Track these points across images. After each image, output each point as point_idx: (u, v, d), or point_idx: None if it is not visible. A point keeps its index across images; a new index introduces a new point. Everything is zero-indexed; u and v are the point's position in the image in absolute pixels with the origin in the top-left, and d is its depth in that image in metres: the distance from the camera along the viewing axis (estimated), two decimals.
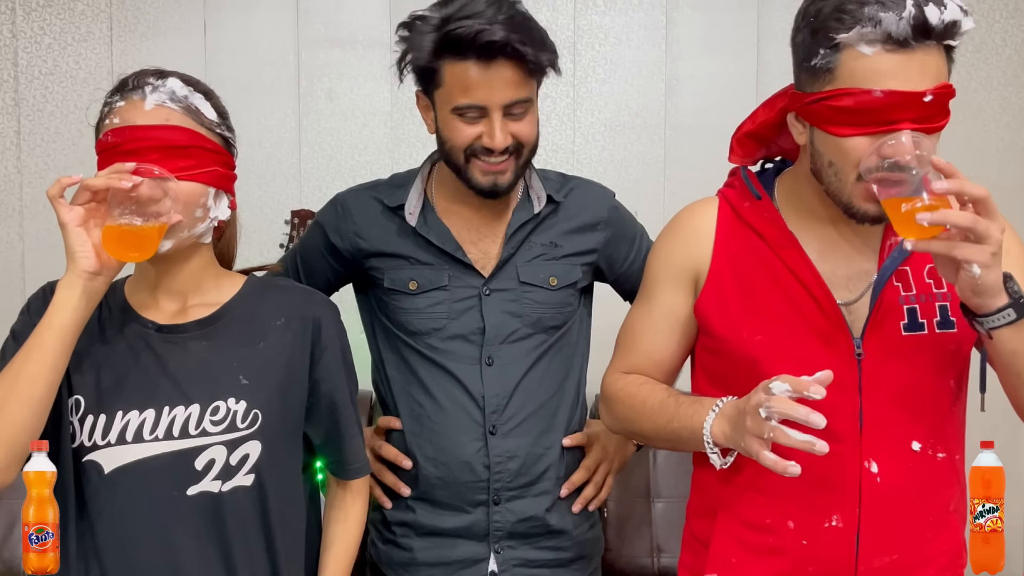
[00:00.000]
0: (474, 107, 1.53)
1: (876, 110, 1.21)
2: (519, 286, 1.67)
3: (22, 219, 2.56)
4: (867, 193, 1.25)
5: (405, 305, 1.66)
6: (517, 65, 1.52)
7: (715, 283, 1.38)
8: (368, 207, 1.71)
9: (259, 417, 1.34)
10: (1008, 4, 2.61)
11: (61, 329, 1.26)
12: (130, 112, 1.32)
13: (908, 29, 1.19)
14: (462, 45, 1.50)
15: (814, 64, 1.26)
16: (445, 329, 1.65)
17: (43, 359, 1.25)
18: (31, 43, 2.54)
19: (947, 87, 1.24)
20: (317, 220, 1.79)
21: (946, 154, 2.80)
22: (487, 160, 1.56)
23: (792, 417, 1.17)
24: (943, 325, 1.32)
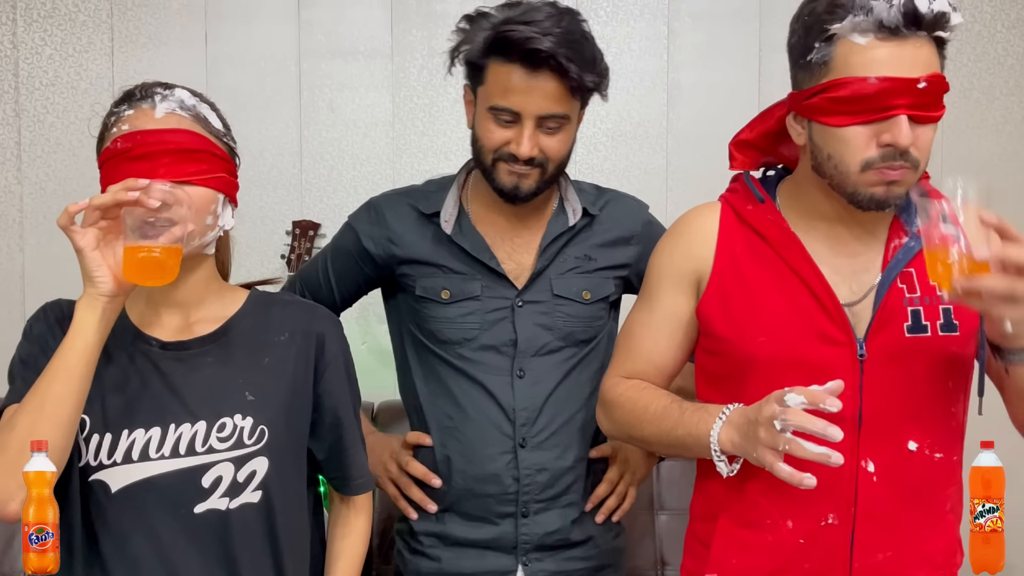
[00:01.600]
0: (508, 111, 1.54)
1: (871, 96, 1.25)
2: (552, 299, 1.67)
3: (22, 230, 2.55)
4: (872, 180, 1.28)
5: (436, 314, 1.65)
6: (560, 80, 1.52)
7: (718, 285, 1.39)
8: (402, 212, 1.70)
9: (266, 433, 1.34)
10: (1010, 15, 2.61)
11: (85, 350, 1.25)
12: (140, 119, 1.31)
13: (899, 17, 1.23)
14: (510, 48, 1.51)
15: (810, 59, 1.30)
16: (476, 340, 1.64)
17: (70, 381, 1.25)
18: (32, 54, 2.53)
19: (940, 77, 1.28)
20: (350, 224, 1.76)
21: (950, 164, 2.82)
22: (512, 165, 1.58)
23: (809, 430, 1.18)
24: (946, 328, 1.34)
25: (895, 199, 1.30)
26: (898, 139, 1.24)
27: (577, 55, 1.51)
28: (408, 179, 2.59)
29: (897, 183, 1.28)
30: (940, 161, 2.63)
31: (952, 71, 2.60)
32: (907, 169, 1.28)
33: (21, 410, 1.25)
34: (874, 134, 1.26)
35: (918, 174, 1.31)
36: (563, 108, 1.55)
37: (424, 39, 2.56)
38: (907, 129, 1.24)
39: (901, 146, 1.25)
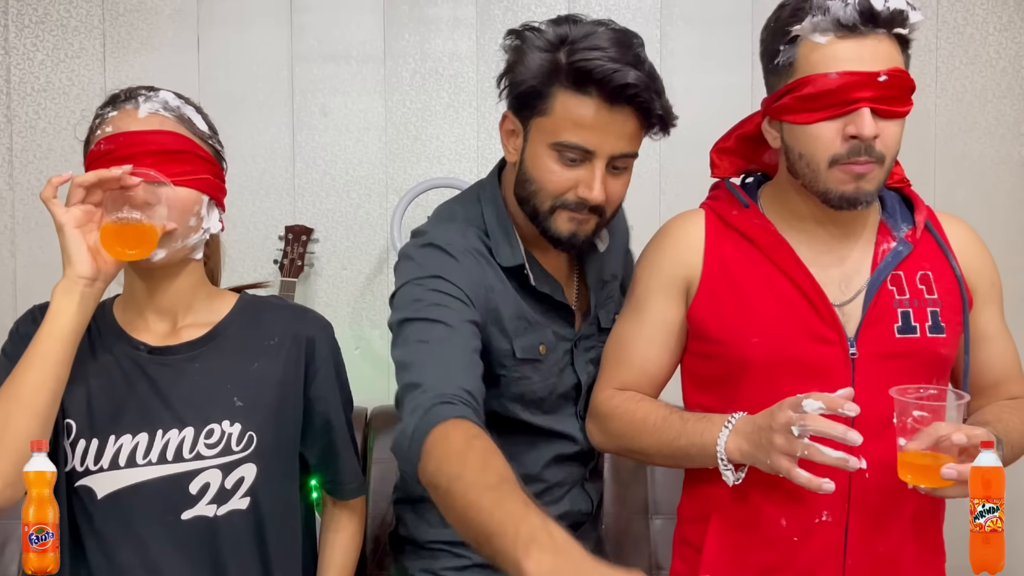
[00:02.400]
0: (580, 149, 1.36)
1: (834, 91, 1.28)
2: (598, 332, 1.58)
3: (14, 236, 2.54)
4: (841, 176, 1.31)
5: (529, 374, 1.48)
6: (640, 116, 1.37)
7: (708, 288, 1.40)
8: (483, 265, 1.45)
9: (254, 439, 1.33)
10: (1001, 17, 2.61)
11: (62, 336, 1.24)
12: (124, 120, 1.31)
13: (855, 15, 1.27)
14: (588, 79, 1.33)
15: (777, 63, 1.34)
16: (554, 391, 1.52)
17: (45, 368, 1.23)
18: (24, 59, 2.52)
19: (902, 71, 1.31)
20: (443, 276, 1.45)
21: (943, 166, 2.81)
22: (578, 212, 1.40)
23: (829, 435, 1.19)
24: (934, 330, 1.37)
25: (864, 196, 1.33)
26: (862, 130, 1.27)
27: (657, 88, 1.37)
28: (401, 183, 2.59)
29: (864, 178, 1.31)
30: (934, 163, 2.63)
31: (945, 73, 2.62)
32: (873, 163, 1.31)
33: (5, 395, 1.24)
34: (840, 128, 1.29)
35: (884, 169, 1.33)
36: (635, 146, 1.40)
37: (416, 43, 2.56)
38: (870, 120, 1.27)
39: (865, 137, 1.28)
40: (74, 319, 1.24)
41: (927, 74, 2.62)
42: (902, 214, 1.44)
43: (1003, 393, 1.45)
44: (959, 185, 2.63)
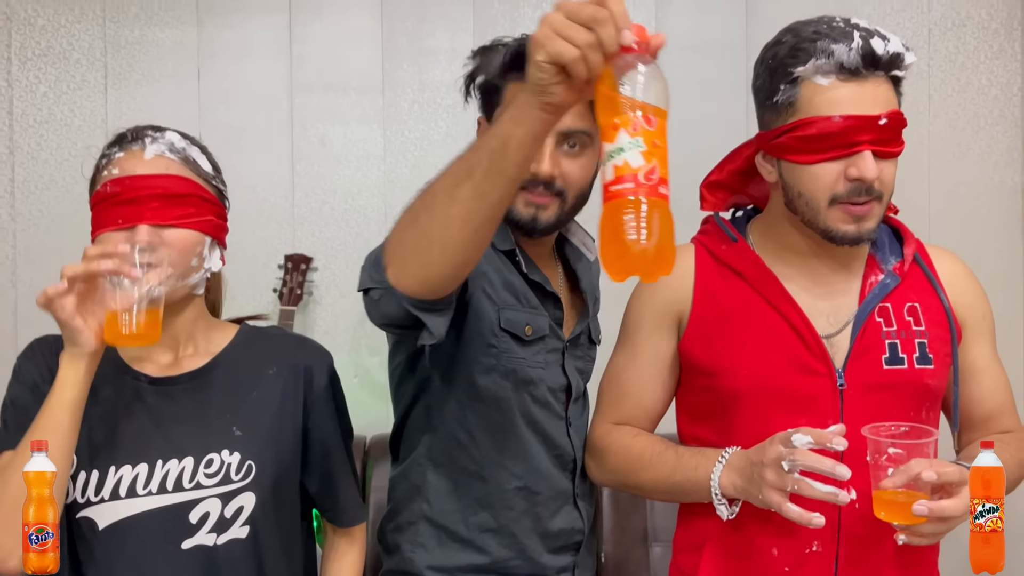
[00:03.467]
0: None
1: (837, 134, 1.30)
2: (587, 344, 1.62)
3: (15, 266, 2.56)
4: (842, 215, 1.33)
5: (516, 351, 1.50)
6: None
7: (698, 322, 1.42)
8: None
9: (253, 468, 1.34)
10: (993, 46, 2.65)
11: (71, 406, 1.26)
12: (130, 162, 1.33)
13: (858, 59, 1.29)
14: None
15: (776, 101, 1.35)
16: (544, 381, 1.53)
17: (58, 435, 1.25)
18: (26, 92, 2.56)
19: (899, 113, 1.33)
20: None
21: (938, 192, 2.83)
22: (532, 190, 1.46)
23: (819, 470, 1.22)
24: (921, 361, 1.39)
25: (866, 234, 1.35)
26: (865, 173, 1.29)
27: None
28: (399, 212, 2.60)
29: (865, 218, 1.33)
30: (928, 188, 2.66)
31: (938, 101, 2.65)
32: (873, 201, 1.33)
33: (13, 465, 1.25)
34: (841, 169, 1.31)
35: (883, 205, 1.36)
36: (586, 123, 1.43)
37: (415, 74, 2.59)
38: (872, 163, 1.29)
39: (868, 180, 1.30)
40: (82, 385, 1.26)
41: (920, 102, 2.65)
42: (891, 247, 1.45)
43: (995, 427, 1.46)
44: (953, 210, 2.65)
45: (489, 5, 2.60)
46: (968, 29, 2.64)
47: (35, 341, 1.41)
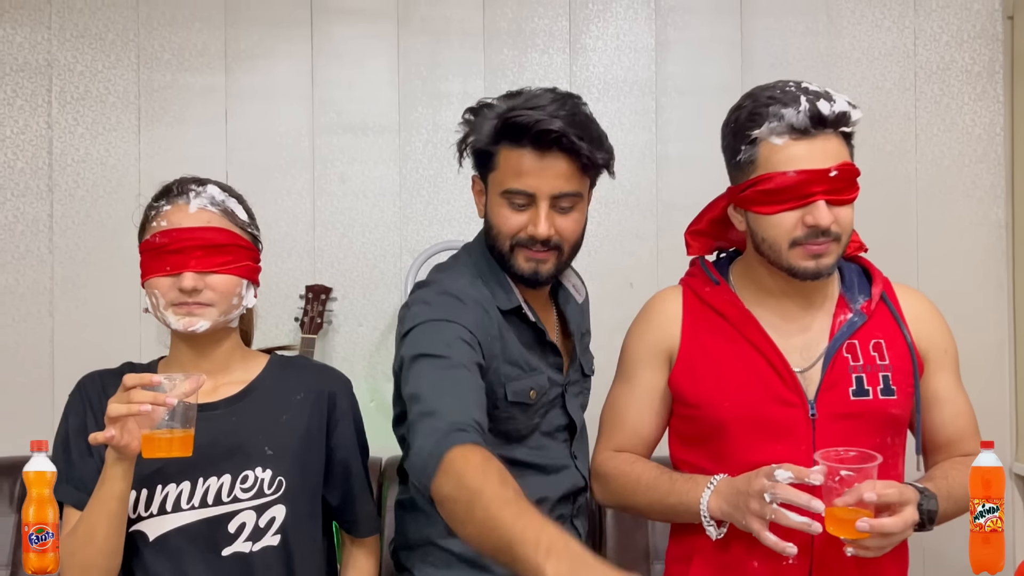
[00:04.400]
0: (523, 193, 1.54)
1: (792, 187, 1.44)
2: (582, 378, 1.73)
3: (52, 296, 2.68)
4: (801, 254, 1.46)
5: (518, 415, 1.60)
6: (571, 159, 1.53)
7: (686, 359, 1.55)
8: (487, 313, 1.58)
9: (283, 483, 1.49)
10: (976, 88, 2.77)
11: (121, 495, 1.41)
12: (176, 215, 1.48)
13: (807, 120, 1.43)
14: (520, 132, 1.51)
15: (739, 160, 1.50)
16: (540, 428, 1.63)
17: (112, 522, 1.41)
18: (65, 132, 2.69)
19: (849, 164, 1.48)
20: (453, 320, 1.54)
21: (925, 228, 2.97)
22: (531, 248, 1.56)
23: (795, 503, 1.36)
24: (885, 392, 1.51)
25: (825, 269, 1.49)
26: (819, 221, 1.44)
27: (586, 134, 1.53)
28: (414, 245, 2.74)
29: (823, 255, 1.47)
30: (915, 224, 2.77)
31: (924, 141, 2.79)
32: (831, 242, 1.48)
33: (74, 537, 1.42)
34: (799, 217, 1.46)
35: (841, 244, 1.50)
36: (575, 186, 1.55)
37: (429, 116, 2.72)
38: (826, 211, 1.44)
39: (822, 226, 1.45)
40: (126, 479, 1.41)
41: (907, 140, 2.77)
42: (860, 286, 1.59)
43: (957, 451, 1.58)
44: (939, 245, 2.75)
45: (499, 51, 2.74)
46: (952, 73, 2.76)
47: (86, 378, 1.55)
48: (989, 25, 2.76)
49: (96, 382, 1.52)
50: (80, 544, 1.41)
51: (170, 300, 1.47)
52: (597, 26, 2.77)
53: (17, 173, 2.68)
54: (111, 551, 1.42)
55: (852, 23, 2.77)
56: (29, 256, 2.68)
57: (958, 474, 1.51)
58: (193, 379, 1.37)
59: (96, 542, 1.40)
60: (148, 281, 1.49)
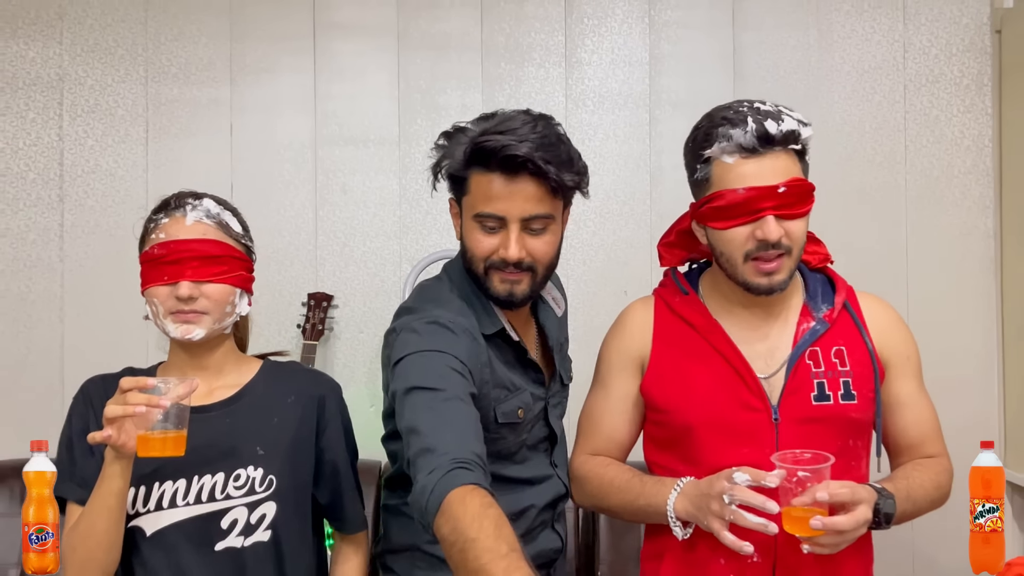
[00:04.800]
0: (493, 217, 1.55)
1: (742, 203, 1.50)
2: (561, 388, 1.79)
3: (63, 303, 2.76)
4: (754, 271, 1.52)
5: (508, 435, 1.64)
6: (539, 182, 1.53)
7: (656, 366, 1.62)
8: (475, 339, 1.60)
9: (274, 482, 1.56)
10: (964, 101, 2.81)
11: (119, 491, 1.48)
12: (173, 227, 1.56)
13: (754, 140, 1.49)
14: (488, 157, 1.53)
15: (696, 178, 1.57)
16: (525, 442, 1.68)
17: (111, 516, 1.47)
18: (75, 145, 2.77)
19: (799, 180, 1.53)
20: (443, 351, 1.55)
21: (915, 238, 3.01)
22: (504, 270, 1.58)
23: (751, 504, 1.42)
24: (846, 397, 1.57)
25: (777, 285, 1.55)
26: (768, 235, 1.50)
27: (554, 157, 1.54)
28: (413, 254, 2.81)
29: (775, 272, 1.53)
30: (905, 234, 2.82)
31: (914, 152, 2.84)
32: (783, 255, 1.53)
33: (75, 532, 1.50)
34: (750, 232, 1.52)
35: (793, 258, 1.56)
36: (545, 208, 1.56)
37: (428, 128, 2.79)
38: (774, 226, 1.50)
39: (771, 241, 1.51)
40: (124, 476, 1.47)
41: (897, 152, 2.83)
42: (824, 295, 1.64)
43: (919, 453, 1.64)
44: (929, 254, 2.80)
45: (496, 64, 2.82)
46: (941, 85, 2.81)
47: (88, 382, 1.62)
48: (977, 39, 2.81)
49: (98, 385, 1.59)
50: (81, 538, 1.48)
51: (168, 308, 1.54)
52: (592, 40, 2.84)
53: (29, 184, 2.77)
54: (110, 545, 1.49)
55: (842, 37, 2.83)
56: (40, 264, 2.77)
57: (919, 475, 1.56)
58: (187, 383, 1.43)
59: (96, 536, 1.47)
60: (147, 290, 1.56)
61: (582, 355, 1.92)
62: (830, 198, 2.73)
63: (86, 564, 1.48)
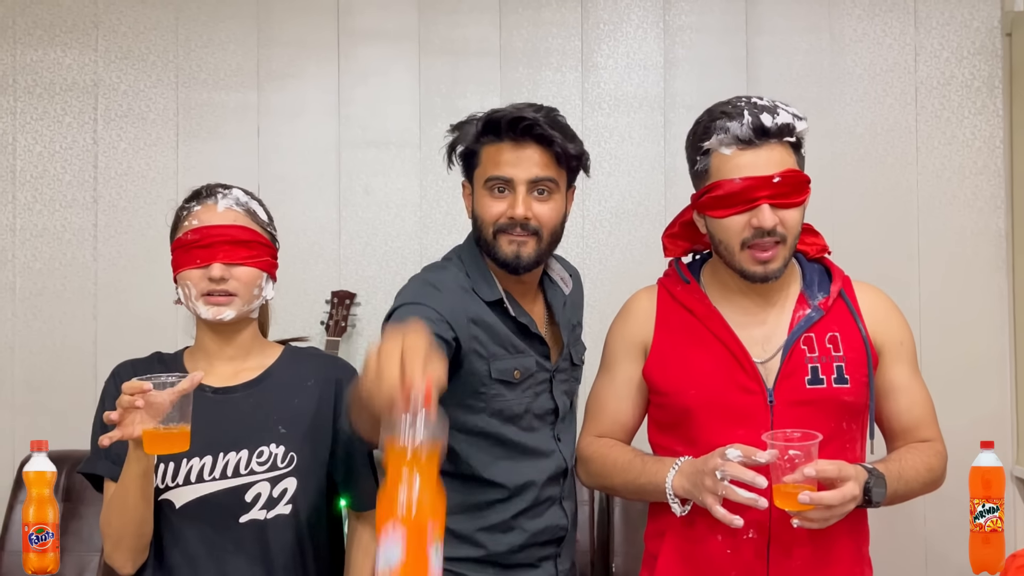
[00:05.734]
0: (502, 179, 1.70)
1: (739, 193, 1.57)
2: (571, 367, 1.87)
3: (96, 301, 2.86)
4: (750, 259, 1.59)
5: (505, 393, 1.74)
6: (544, 148, 1.70)
7: (658, 351, 1.68)
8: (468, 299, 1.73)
9: (295, 458, 1.64)
10: (975, 102, 2.86)
11: (146, 472, 1.54)
12: (206, 214, 1.65)
13: (750, 132, 1.56)
14: (498, 127, 1.71)
15: (696, 169, 1.64)
16: (531, 411, 1.77)
17: (138, 492, 1.54)
18: (109, 148, 2.87)
19: (793, 171, 1.59)
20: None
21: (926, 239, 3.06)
22: (511, 232, 1.71)
23: (741, 479, 1.48)
24: (839, 381, 1.63)
25: (772, 273, 1.61)
26: (763, 223, 1.57)
27: (558, 128, 1.72)
28: (434, 253, 2.85)
29: (770, 260, 1.58)
30: (917, 234, 2.86)
31: (925, 153, 2.89)
32: (778, 243, 1.60)
33: (109, 508, 1.58)
34: (747, 220, 1.59)
35: (788, 247, 1.62)
36: (550, 173, 1.71)
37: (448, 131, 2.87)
38: (769, 214, 1.56)
39: (766, 228, 1.57)
40: (147, 462, 1.54)
41: (909, 153, 2.87)
42: (820, 284, 1.70)
43: (914, 437, 1.68)
44: (941, 255, 2.84)
45: (514, 69, 2.89)
46: (952, 87, 2.86)
47: (120, 366, 1.71)
48: (988, 41, 2.86)
49: (128, 370, 1.68)
50: (116, 512, 1.57)
51: (200, 290, 1.63)
52: (608, 45, 2.91)
53: (65, 186, 2.87)
54: (140, 519, 1.57)
55: (854, 41, 2.88)
56: (75, 263, 2.87)
57: (911, 458, 1.61)
58: (188, 377, 1.49)
59: (128, 511, 1.56)
60: (180, 274, 1.65)
61: (597, 350, 1.96)
62: (842, 199, 2.80)
63: (121, 539, 1.57)
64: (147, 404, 1.45)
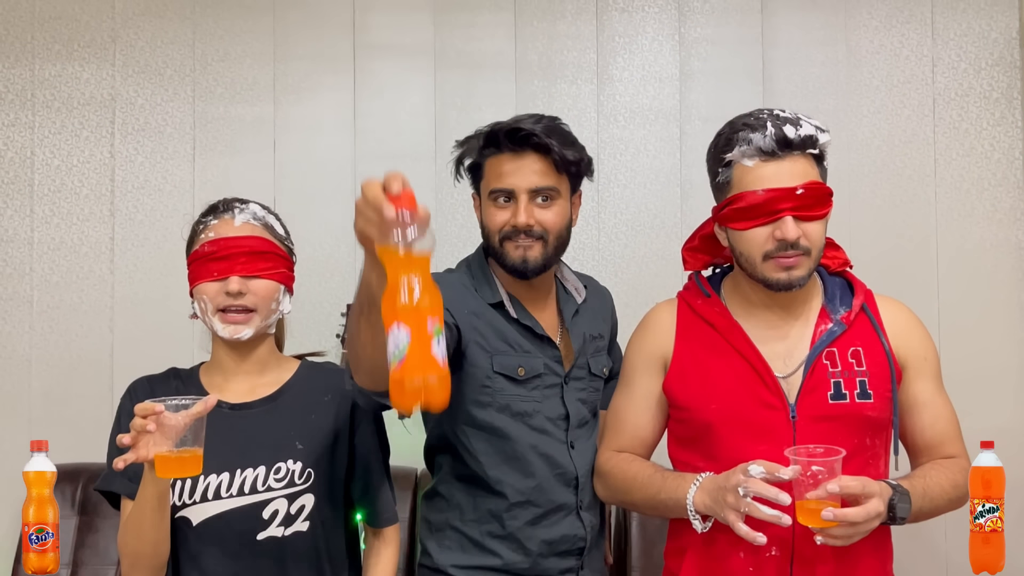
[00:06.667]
0: (504, 191, 1.76)
1: (761, 204, 1.56)
2: (588, 376, 1.88)
3: (113, 314, 2.87)
4: (774, 266, 1.57)
5: (509, 389, 1.78)
6: (543, 156, 1.75)
7: (678, 365, 1.67)
8: (469, 296, 1.80)
9: (312, 475, 1.63)
10: (994, 114, 2.83)
11: (159, 495, 1.54)
12: (223, 227, 1.65)
13: (773, 143, 1.55)
14: (498, 139, 1.77)
15: (718, 181, 1.63)
16: (540, 413, 1.79)
17: (154, 513, 1.54)
18: (126, 161, 2.88)
19: (817, 183, 1.58)
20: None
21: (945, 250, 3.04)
22: (515, 239, 1.76)
23: (764, 496, 1.46)
24: (862, 396, 1.61)
25: (796, 281, 1.60)
26: (786, 235, 1.56)
27: (557, 136, 1.76)
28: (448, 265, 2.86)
29: (794, 268, 1.57)
30: (936, 246, 2.84)
31: (944, 165, 2.87)
32: (801, 255, 1.58)
33: (126, 528, 1.57)
34: (770, 232, 1.57)
35: (812, 258, 1.61)
36: (551, 181, 1.76)
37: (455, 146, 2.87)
38: (792, 226, 1.55)
39: (789, 239, 1.56)
40: (163, 484, 1.53)
41: (927, 165, 2.85)
42: (843, 298, 1.68)
43: (939, 453, 1.66)
44: (960, 267, 2.82)
45: (530, 82, 2.89)
46: (971, 99, 2.84)
47: (136, 382, 1.71)
48: (1007, 52, 2.84)
49: (144, 386, 1.68)
50: (132, 533, 1.56)
51: (217, 305, 1.62)
52: (624, 58, 2.91)
53: (82, 199, 2.88)
54: (156, 540, 1.56)
55: (871, 52, 2.87)
56: (92, 276, 2.87)
57: (936, 474, 1.59)
58: (201, 401, 1.48)
59: (144, 532, 1.55)
60: (196, 287, 1.64)
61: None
62: (861, 211, 2.79)
63: (138, 559, 1.57)
64: (160, 427, 1.44)
